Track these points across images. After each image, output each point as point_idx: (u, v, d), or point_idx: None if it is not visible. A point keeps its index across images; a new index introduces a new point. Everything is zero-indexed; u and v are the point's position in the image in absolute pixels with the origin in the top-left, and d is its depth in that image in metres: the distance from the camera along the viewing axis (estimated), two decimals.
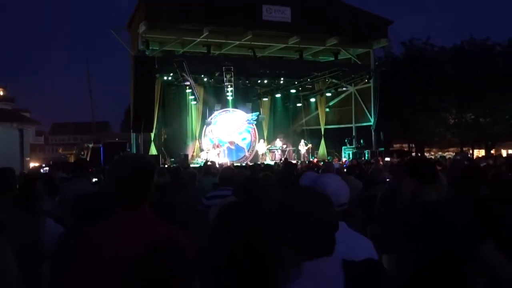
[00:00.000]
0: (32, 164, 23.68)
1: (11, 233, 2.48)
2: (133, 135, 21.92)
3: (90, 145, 24.68)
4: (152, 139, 22.62)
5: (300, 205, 1.74)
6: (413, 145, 36.87)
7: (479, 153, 35.21)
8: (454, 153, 30.95)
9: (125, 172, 2.24)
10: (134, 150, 21.24)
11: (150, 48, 21.88)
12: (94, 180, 6.43)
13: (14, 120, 51.21)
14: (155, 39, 22.23)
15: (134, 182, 2.22)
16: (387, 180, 6.43)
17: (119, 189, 2.23)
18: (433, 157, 29.19)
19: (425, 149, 35.55)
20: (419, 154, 28.61)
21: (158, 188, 4.69)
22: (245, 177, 4.20)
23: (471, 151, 34.66)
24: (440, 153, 34.83)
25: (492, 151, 33.34)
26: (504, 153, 32.50)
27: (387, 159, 19.68)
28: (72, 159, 26.82)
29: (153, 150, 22.39)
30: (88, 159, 20.33)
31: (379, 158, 20.59)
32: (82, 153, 26.97)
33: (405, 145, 37.83)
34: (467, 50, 33.31)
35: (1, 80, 59.27)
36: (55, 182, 5.84)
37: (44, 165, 22.61)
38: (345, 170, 9.08)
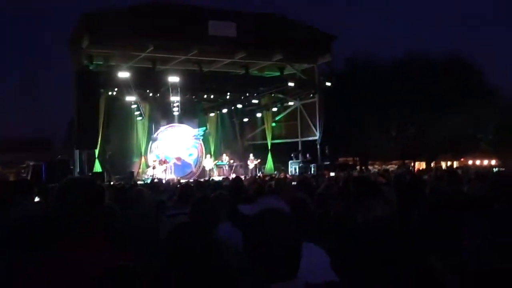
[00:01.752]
0: None
1: None
2: (76, 152, 21.32)
3: (31, 163, 23.71)
4: (96, 156, 22.10)
5: (262, 229, 1.73)
6: (358, 159, 37.57)
7: (420, 165, 36.31)
8: (396, 166, 31.71)
9: (77, 195, 2.16)
10: (78, 168, 20.70)
11: (94, 62, 21.37)
12: (36, 199, 6.16)
13: None
14: (99, 54, 21.71)
15: (86, 206, 2.15)
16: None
17: (71, 213, 2.14)
18: (377, 170, 29.83)
19: (369, 162, 36.25)
20: (363, 168, 29.14)
21: (106, 210, 4.57)
22: (197, 198, 4.15)
23: (412, 164, 35.67)
24: (383, 166, 35.55)
25: (432, 164, 34.46)
26: (443, 165, 33.64)
27: (332, 173, 19.95)
28: (12, 178, 25.61)
29: (97, 168, 21.86)
30: (29, 178, 19.55)
31: (326, 171, 20.93)
32: (23, 171, 25.87)
33: (350, 159, 38.48)
34: (408, 64, 34.52)
35: None
36: None
37: None
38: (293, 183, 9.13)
